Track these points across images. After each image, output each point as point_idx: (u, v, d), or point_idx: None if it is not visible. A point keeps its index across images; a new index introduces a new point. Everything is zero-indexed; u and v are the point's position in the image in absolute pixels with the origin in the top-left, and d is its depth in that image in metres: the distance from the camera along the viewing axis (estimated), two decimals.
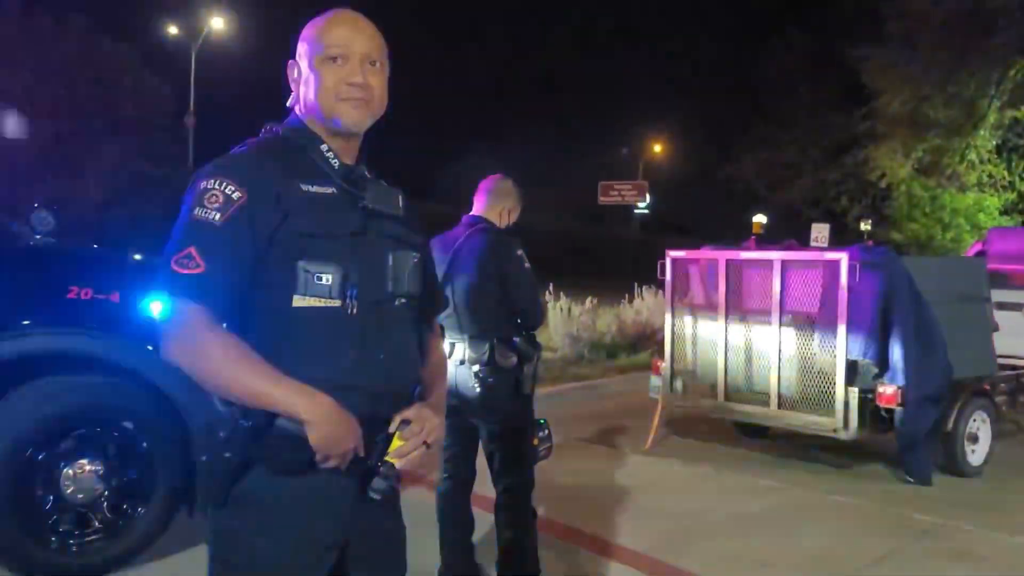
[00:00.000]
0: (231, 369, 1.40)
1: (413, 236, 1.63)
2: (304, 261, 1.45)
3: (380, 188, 1.58)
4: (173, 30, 25.18)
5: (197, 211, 1.43)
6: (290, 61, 1.59)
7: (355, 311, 1.48)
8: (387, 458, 1.51)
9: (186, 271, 1.39)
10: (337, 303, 1.47)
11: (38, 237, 3.79)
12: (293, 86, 1.60)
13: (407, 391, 1.60)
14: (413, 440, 1.53)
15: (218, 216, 1.41)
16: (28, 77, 17.05)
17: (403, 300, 1.57)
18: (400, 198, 1.61)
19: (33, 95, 16.93)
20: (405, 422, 1.54)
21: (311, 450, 1.43)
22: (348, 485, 1.50)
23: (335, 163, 1.55)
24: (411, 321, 1.61)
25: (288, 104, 1.62)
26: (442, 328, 3.11)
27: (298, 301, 1.45)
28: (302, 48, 1.56)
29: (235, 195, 1.43)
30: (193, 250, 1.40)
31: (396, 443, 1.53)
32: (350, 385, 1.47)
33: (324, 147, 1.55)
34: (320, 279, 1.45)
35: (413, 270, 1.58)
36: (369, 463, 1.50)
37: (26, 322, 3.22)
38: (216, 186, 1.44)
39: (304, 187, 1.48)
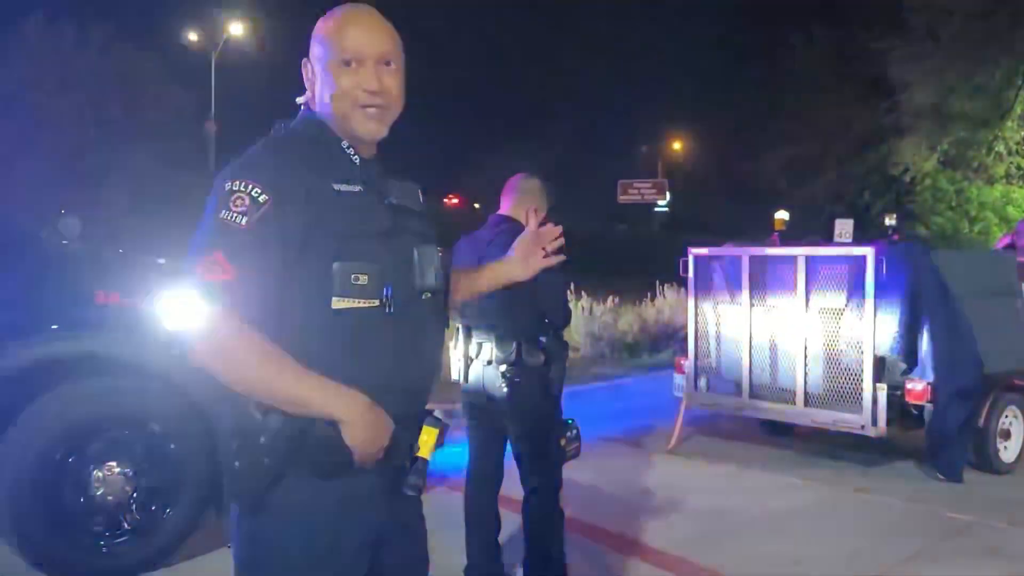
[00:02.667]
0: (264, 372, 1.38)
1: (431, 230, 1.63)
2: (340, 262, 1.42)
3: (401, 184, 1.58)
4: (193, 37, 25.46)
5: (223, 214, 1.39)
6: (304, 60, 1.57)
7: (392, 310, 1.47)
8: (418, 453, 1.52)
9: (214, 277, 1.36)
10: (376, 303, 1.45)
11: (65, 243, 3.84)
12: (308, 85, 1.58)
13: (433, 387, 1.61)
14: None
15: (244, 220, 1.38)
16: (53, 86, 17.32)
17: (429, 294, 1.57)
18: (420, 193, 1.62)
19: (58, 103, 17.20)
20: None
21: (348, 452, 1.42)
22: (381, 483, 1.50)
23: (356, 159, 1.54)
24: (436, 314, 1.61)
25: (301, 101, 1.60)
26: (468, 328, 3.11)
27: (337, 303, 1.42)
28: (316, 49, 1.53)
29: (261, 197, 1.39)
30: (220, 255, 1.36)
31: (424, 437, 1.54)
32: (389, 385, 1.47)
33: (344, 143, 1.53)
34: (357, 280, 1.43)
35: (437, 264, 1.57)
36: (402, 460, 1.51)
37: (55, 327, 3.27)
38: (241, 188, 1.40)
39: (335, 186, 1.46)
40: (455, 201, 39.90)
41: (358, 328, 1.45)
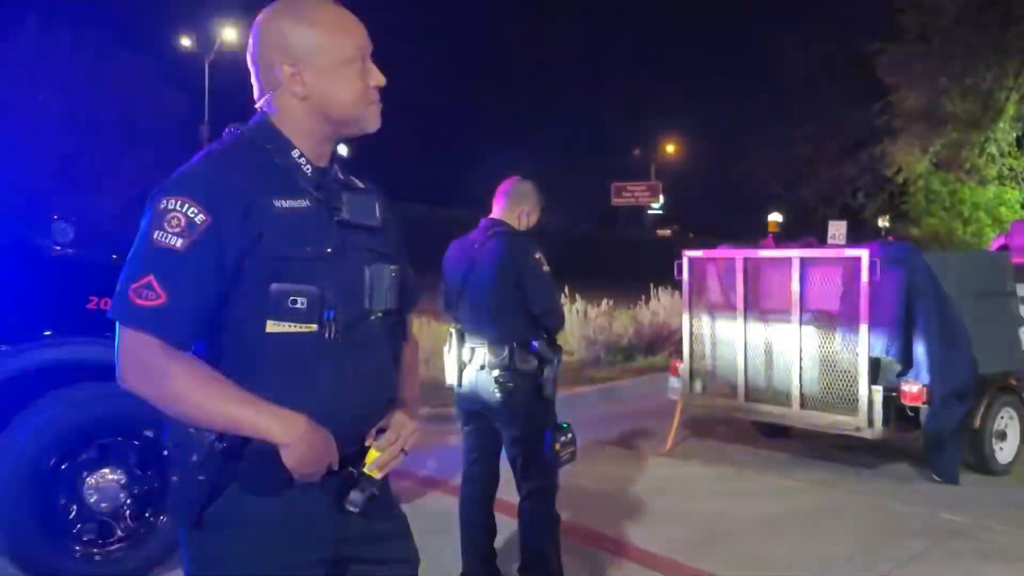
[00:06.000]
0: (198, 395, 1.33)
1: (390, 246, 1.54)
2: (278, 284, 1.36)
3: (357, 196, 1.49)
4: (187, 42, 25.45)
5: (156, 235, 1.32)
6: (277, 68, 1.43)
7: (332, 334, 1.40)
8: (365, 470, 1.46)
9: (145, 303, 1.30)
10: (314, 327, 1.38)
11: (58, 248, 3.82)
12: (270, 85, 1.44)
13: (384, 407, 1.53)
14: (390, 449, 1.48)
15: (179, 242, 1.31)
16: (46, 91, 17.27)
17: (379, 315, 1.49)
18: (378, 206, 1.51)
19: (51, 108, 17.14)
20: (380, 431, 1.50)
21: (286, 469, 1.37)
22: (325, 499, 1.44)
23: (307, 169, 1.45)
24: (387, 335, 1.53)
25: (258, 104, 1.48)
26: (462, 333, 3.10)
27: (272, 327, 1.36)
28: (307, 49, 1.41)
29: (198, 217, 1.32)
30: (152, 279, 1.30)
31: (373, 454, 1.47)
32: (324, 411, 1.40)
33: (296, 152, 1.44)
34: (296, 302, 1.36)
35: (391, 284, 1.49)
36: (342, 476, 1.44)
37: (47, 332, 3.25)
38: (177, 207, 1.32)
39: (277, 203, 1.38)
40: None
41: (293, 353, 1.38)
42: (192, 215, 1.32)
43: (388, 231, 1.55)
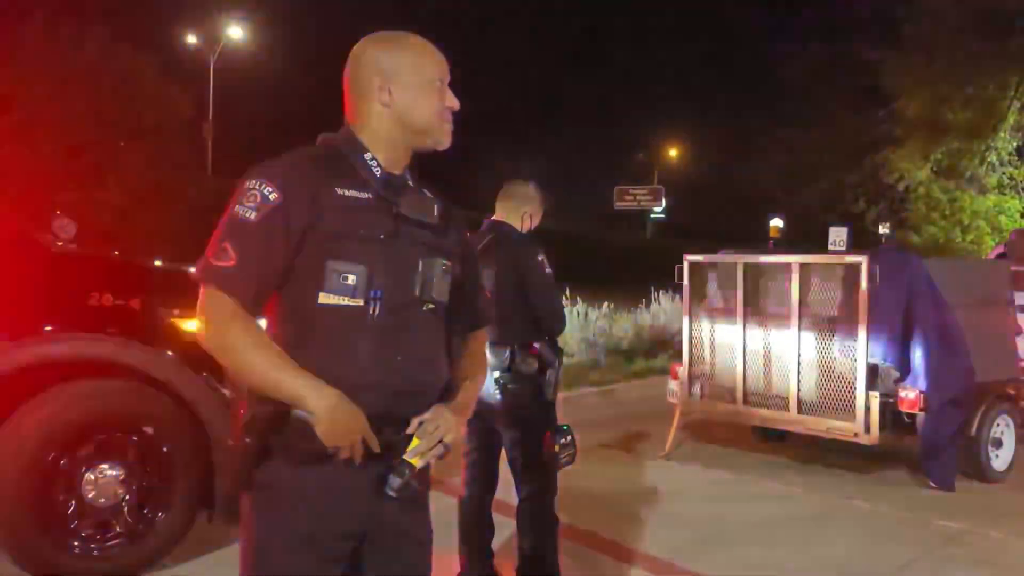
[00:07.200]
0: (249, 356, 1.49)
1: (448, 245, 1.68)
2: (333, 260, 1.52)
3: (417, 197, 1.64)
4: (192, 39, 25.48)
5: (237, 208, 1.52)
6: (371, 80, 1.62)
7: (377, 312, 1.54)
8: (405, 457, 1.55)
9: (219, 263, 1.50)
10: (360, 302, 1.53)
11: (59, 244, 3.83)
12: (366, 103, 1.62)
13: (429, 393, 1.63)
14: (428, 439, 1.57)
15: (254, 215, 1.50)
16: (51, 87, 17.27)
17: (431, 306, 1.62)
18: (436, 207, 1.66)
19: (56, 104, 17.15)
20: (424, 423, 1.58)
21: (321, 441, 1.49)
22: (364, 480, 1.55)
23: (377, 171, 1.62)
24: (438, 327, 1.66)
25: (349, 118, 1.66)
26: None
27: (323, 299, 1.52)
28: (397, 68, 1.61)
29: (272, 196, 1.51)
30: (228, 244, 1.50)
31: (415, 442, 1.56)
32: (365, 383, 1.53)
33: (367, 155, 1.62)
34: (346, 279, 1.52)
35: (441, 277, 1.63)
36: (386, 461, 1.55)
37: (48, 328, 3.25)
38: (256, 187, 1.53)
39: (340, 191, 1.56)
40: None
41: (339, 324, 1.53)
42: (267, 193, 1.52)
43: (448, 233, 1.69)
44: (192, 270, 1.56)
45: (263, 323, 1.59)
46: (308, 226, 1.52)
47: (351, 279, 1.52)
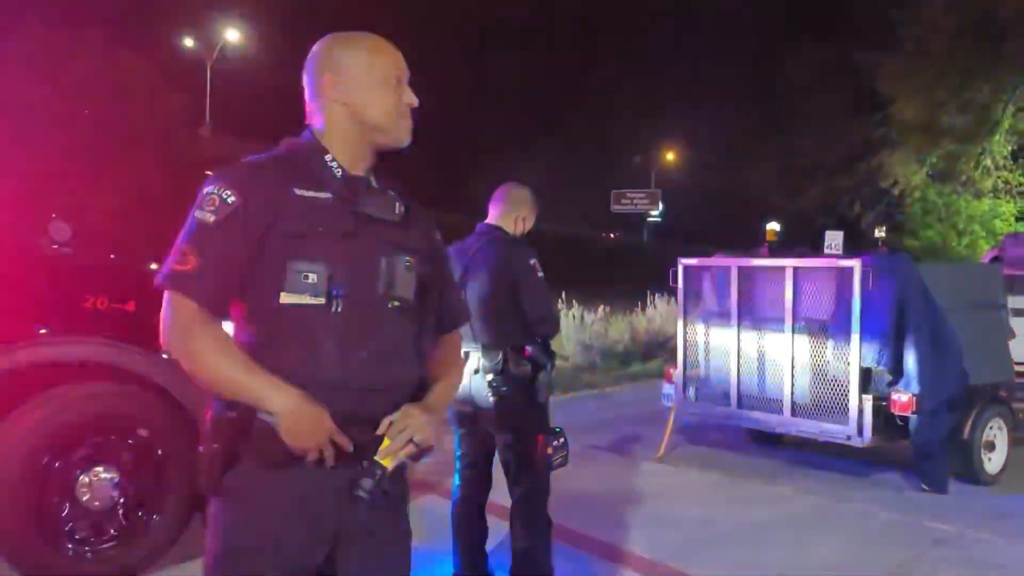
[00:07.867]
0: (211, 360, 1.49)
1: (412, 243, 1.66)
2: (293, 260, 1.53)
3: (378, 195, 1.64)
4: (189, 43, 25.49)
5: (196, 213, 1.54)
6: (323, 78, 1.62)
7: (339, 310, 1.54)
8: (376, 458, 1.53)
9: (180, 267, 1.50)
10: (321, 301, 1.53)
11: (55, 247, 3.84)
12: (321, 102, 1.63)
13: (399, 391, 1.61)
14: (397, 438, 1.55)
15: (213, 218, 1.51)
16: (48, 90, 17.26)
17: (396, 303, 1.61)
18: (398, 205, 1.65)
19: (52, 107, 17.14)
20: (393, 423, 1.56)
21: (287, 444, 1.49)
22: (335, 482, 1.53)
23: (337, 172, 1.62)
24: (406, 324, 1.64)
25: (308, 120, 1.67)
26: None
27: (284, 298, 1.52)
28: (349, 65, 1.62)
29: (230, 199, 1.52)
30: (188, 248, 1.51)
31: (385, 442, 1.54)
32: (330, 382, 1.53)
33: (328, 157, 1.62)
34: (307, 277, 1.52)
35: (406, 274, 1.62)
36: (357, 462, 1.52)
37: (43, 331, 3.26)
38: (215, 191, 1.54)
39: (298, 191, 1.56)
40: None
41: (303, 323, 1.53)
42: (226, 196, 1.53)
43: (412, 231, 1.68)
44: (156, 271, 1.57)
45: (229, 326, 1.57)
46: (267, 227, 1.52)
47: (312, 277, 1.52)
